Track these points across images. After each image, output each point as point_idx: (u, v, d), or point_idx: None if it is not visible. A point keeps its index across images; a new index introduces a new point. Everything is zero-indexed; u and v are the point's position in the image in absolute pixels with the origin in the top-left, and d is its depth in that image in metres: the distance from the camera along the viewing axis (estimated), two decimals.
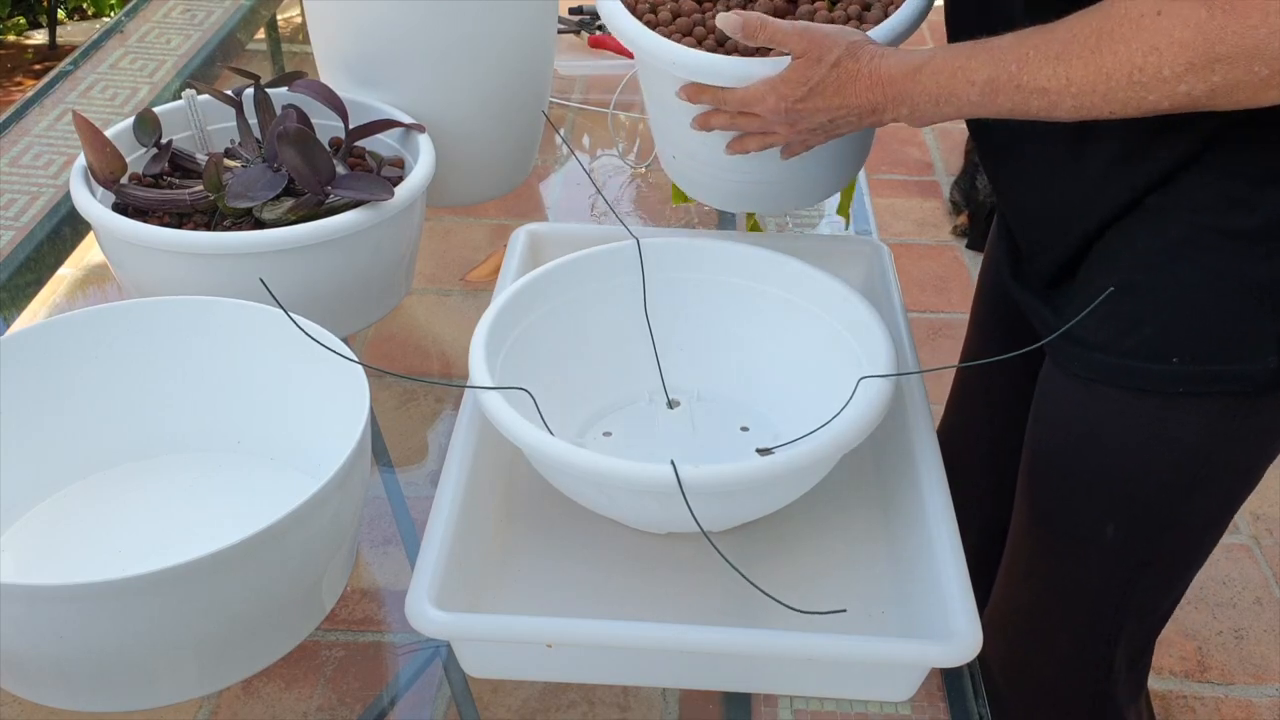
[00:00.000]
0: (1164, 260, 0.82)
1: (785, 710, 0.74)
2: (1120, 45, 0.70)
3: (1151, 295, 0.83)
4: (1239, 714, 1.66)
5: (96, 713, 0.71)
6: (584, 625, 0.72)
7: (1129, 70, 0.70)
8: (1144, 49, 0.69)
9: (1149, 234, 0.83)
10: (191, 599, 0.66)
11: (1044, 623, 1.01)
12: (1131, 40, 0.69)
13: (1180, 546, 0.94)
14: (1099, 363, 0.86)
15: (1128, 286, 0.84)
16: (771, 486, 0.76)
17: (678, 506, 0.71)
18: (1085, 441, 0.90)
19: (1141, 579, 0.95)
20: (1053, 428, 0.93)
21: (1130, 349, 0.84)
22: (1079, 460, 0.91)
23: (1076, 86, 0.72)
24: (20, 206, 1.17)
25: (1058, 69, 0.72)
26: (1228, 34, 0.66)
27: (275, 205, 0.94)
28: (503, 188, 1.25)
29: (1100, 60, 0.71)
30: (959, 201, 2.69)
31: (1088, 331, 0.86)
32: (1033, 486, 0.97)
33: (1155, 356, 0.83)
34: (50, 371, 0.83)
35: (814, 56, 0.82)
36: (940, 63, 0.77)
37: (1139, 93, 0.70)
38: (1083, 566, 0.95)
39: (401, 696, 0.79)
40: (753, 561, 0.82)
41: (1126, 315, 0.84)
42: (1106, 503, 0.91)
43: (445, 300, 1.16)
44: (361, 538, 0.86)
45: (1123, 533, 0.91)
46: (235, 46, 1.54)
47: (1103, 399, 0.87)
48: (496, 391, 0.78)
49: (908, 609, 0.78)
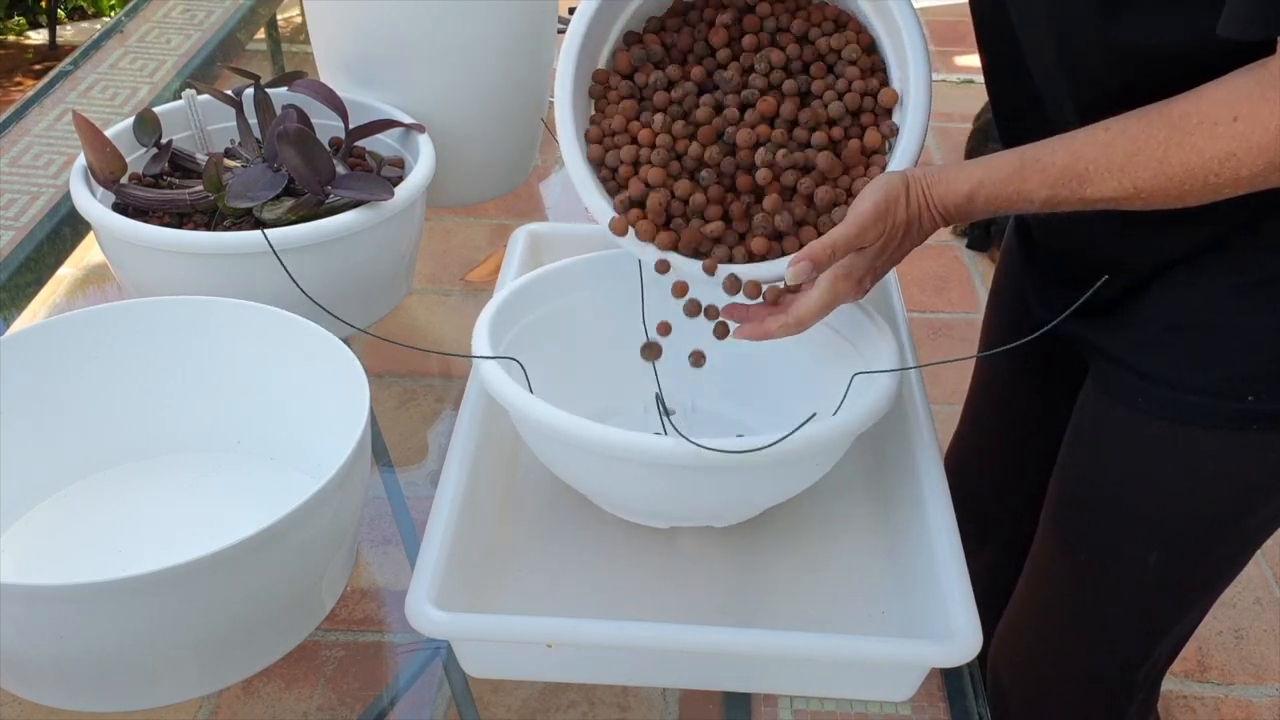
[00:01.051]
0: (1242, 299, 0.80)
1: (785, 710, 0.74)
2: (1193, 155, 0.68)
3: (1229, 334, 0.81)
4: (1239, 714, 1.66)
5: (96, 713, 0.71)
6: (584, 625, 0.72)
7: (1204, 175, 0.68)
8: (1220, 155, 0.67)
9: (1226, 274, 0.80)
10: (191, 599, 0.66)
11: (1069, 646, 0.99)
12: (1205, 149, 0.67)
13: (1222, 566, 0.93)
14: (1166, 398, 0.84)
15: (1199, 324, 0.82)
16: (778, 468, 0.75)
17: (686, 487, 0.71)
18: (1139, 472, 0.88)
19: (1176, 603, 0.94)
20: (1098, 455, 0.91)
21: (1202, 386, 0.82)
22: (1127, 490, 0.89)
23: (1146, 193, 0.70)
24: (20, 206, 1.17)
25: (1123, 180, 0.71)
26: None
27: (275, 205, 0.94)
28: (503, 188, 1.25)
29: (1171, 170, 0.69)
30: None
31: (1152, 366, 0.84)
32: (1068, 510, 0.95)
33: (1231, 395, 0.82)
34: (50, 371, 0.83)
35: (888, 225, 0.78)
36: (994, 187, 0.75)
37: (1213, 192, 0.69)
38: (1120, 592, 0.94)
39: (401, 696, 0.79)
40: (754, 559, 0.82)
41: (1198, 352, 0.82)
42: (1153, 533, 0.89)
43: (445, 300, 1.16)
44: (361, 538, 0.86)
45: (1165, 562, 0.90)
46: (235, 46, 1.54)
47: (1162, 432, 0.85)
48: (500, 368, 0.77)
49: (908, 609, 0.78)
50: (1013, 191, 0.75)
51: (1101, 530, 0.92)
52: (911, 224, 0.78)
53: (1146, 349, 0.85)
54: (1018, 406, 1.14)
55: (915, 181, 0.78)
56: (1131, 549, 0.91)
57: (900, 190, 0.78)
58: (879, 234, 0.78)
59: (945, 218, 0.78)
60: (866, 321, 0.86)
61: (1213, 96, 0.68)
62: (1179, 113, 0.69)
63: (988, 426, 1.19)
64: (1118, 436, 0.89)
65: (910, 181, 0.78)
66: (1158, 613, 0.95)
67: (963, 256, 2.58)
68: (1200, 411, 0.83)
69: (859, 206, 0.78)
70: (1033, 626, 1.03)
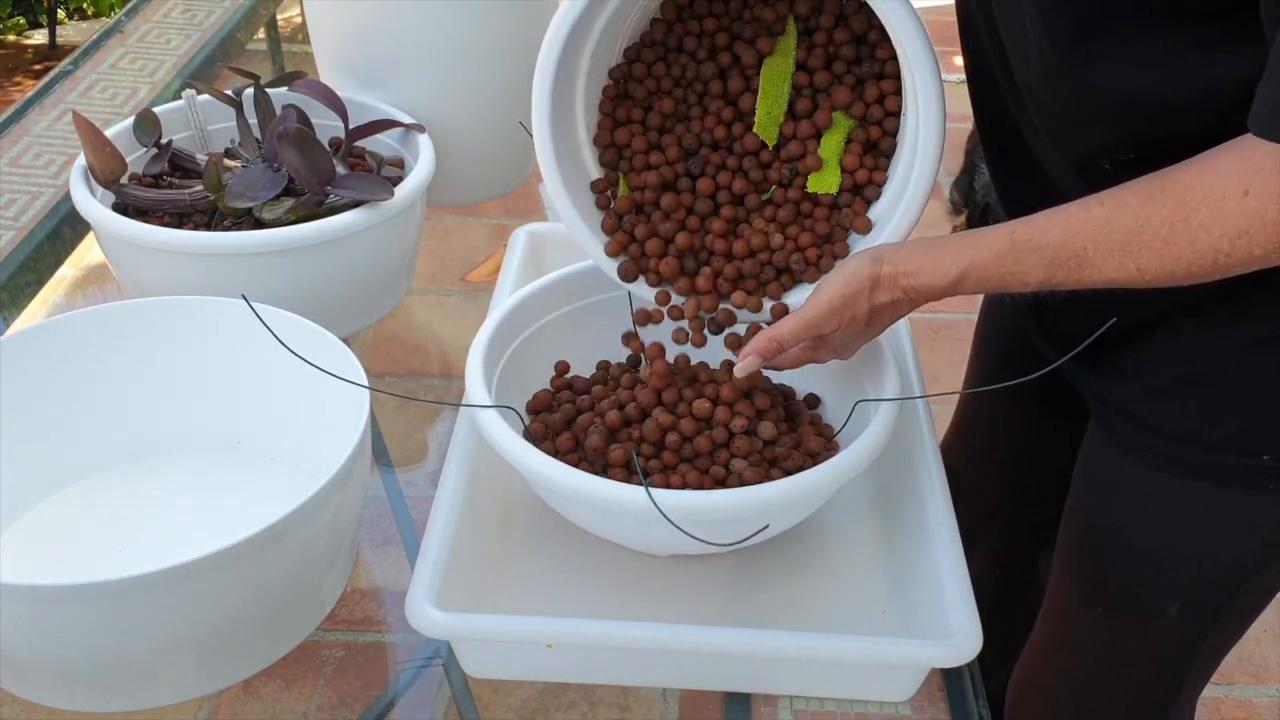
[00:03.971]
0: (1254, 354, 0.77)
1: (785, 710, 0.74)
2: (1201, 233, 0.62)
3: (1239, 389, 0.79)
4: (1239, 714, 1.66)
5: (96, 713, 0.71)
6: (584, 625, 0.72)
7: (1214, 255, 0.63)
8: (1231, 234, 0.62)
9: (1236, 325, 0.77)
10: (191, 599, 0.66)
11: (1094, 692, 0.97)
12: (1214, 227, 0.62)
13: (1240, 616, 0.92)
14: (1178, 454, 0.82)
15: (1209, 378, 0.79)
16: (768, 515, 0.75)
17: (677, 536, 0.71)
18: (1154, 525, 0.86)
19: (1199, 649, 0.92)
20: (1113, 508, 0.89)
21: (1214, 443, 0.80)
22: (1144, 540, 0.87)
23: (1151, 275, 0.65)
24: (20, 206, 1.17)
25: (1125, 261, 0.65)
26: None
27: (275, 205, 0.94)
28: (503, 188, 1.25)
29: (1177, 250, 0.63)
30: (959, 201, 2.69)
31: (1163, 419, 0.82)
32: (1083, 558, 0.93)
33: (1243, 453, 0.79)
34: (50, 371, 0.83)
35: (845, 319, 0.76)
36: (983, 271, 0.71)
37: (1223, 271, 0.64)
38: (1139, 640, 0.92)
39: (401, 696, 0.79)
40: (753, 561, 0.82)
41: (1210, 407, 0.80)
42: (1173, 584, 0.87)
43: (445, 300, 1.16)
44: (361, 538, 0.86)
45: (1186, 612, 0.88)
46: (235, 46, 1.54)
47: (1179, 487, 0.83)
48: (496, 415, 0.77)
49: (908, 609, 0.78)
50: (1005, 273, 0.69)
51: (1120, 581, 0.90)
52: (879, 312, 0.75)
53: (1154, 401, 0.82)
54: (1009, 431, 1.12)
55: (887, 275, 0.73)
56: (1151, 600, 0.88)
57: (865, 284, 0.74)
58: (836, 326, 0.75)
59: (923, 301, 0.75)
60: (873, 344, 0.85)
61: (1218, 168, 0.62)
62: (1182, 187, 0.63)
63: (980, 436, 1.17)
64: (1130, 488, 0.86)
65: (881, 276, 0.74)
66: (1181, 659, 0.93)
67: None
68: (1214, 469, 0.81)
69: (817, 296, 0.75)
70: (1054, 672, 1.00)
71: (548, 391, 0.88)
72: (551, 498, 0.78)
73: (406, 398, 1.02)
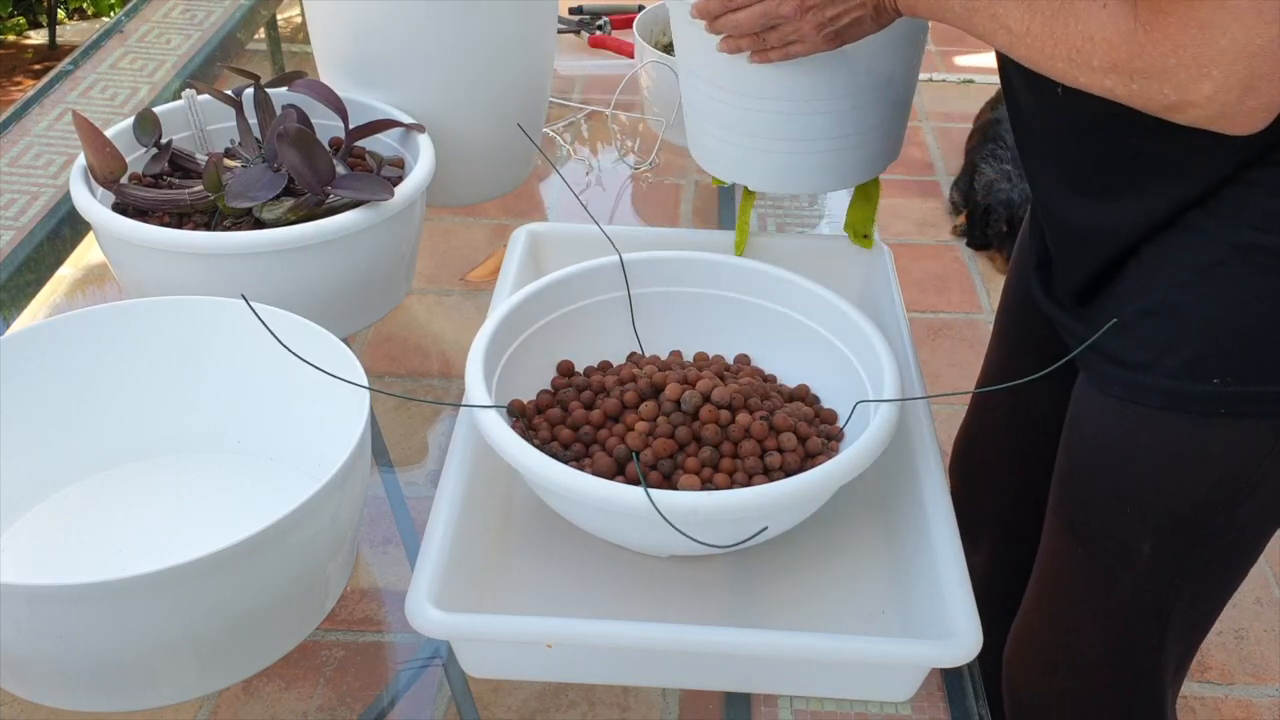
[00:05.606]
0: (1205, 280, 0.80)
1: (785, 710, 0.74)
2: (1071, 21, 0.72)
3: (1192, 315, 0.81)
4: (1239, 714, 1.66)
5: (96, 713, 0.71)
6: (584, 625, 0.72)
7: (1070, 49, 0.72)
8: (1084, 34, 0.71)
9: (1189, 253, 0.81)
10: (191, 599, 0.66)
11: (1079, 634, 0.99)
12: (1080, 21, 0.71)
13: (1223, 559, 0.93)
14: (1138, 383, 0.85)
15: (1167, 306, 0.82)
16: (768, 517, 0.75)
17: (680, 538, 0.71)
18: (1122, 459, 0.89)
19: (1181, 591, 0.93)
20: (1088, 445, 0.92)
21: (1171, 370, 0.83)
22: (1116, 478, 0.90)
23: (1032, 38, 0.74)
24: (20, 206, 1.17)
25: (1023, 17, 0.74)
26: (1145, 53, 0.68)
27: (275, 205, 0.94)
28: (503, 188, 1.25)
29: (1053, 27, 0.73)
30: (959, 201, 2.69)
31: (1126, 351, 0.85)
32: (1066, 503, 0.96)
33: (1196, 377, 0.82)
34: (50, 371, 0.83)
35: None
36: None
37: (1073, 70, 0.73)
38: (1117, 582, 0.94)
39: (401, 696, 0.79)
40: (753, 562, 0.82)
41: (1167, 335, 0.83)
42: (1143, 520, 0.89)
43: (445, 300, 1.16)
44: (361, 538, 0.86)
45: (1159, 550, 0.90)
46: (235, 46, 1.54)
47: (1141, 418, 0.86)
48: (495, 415, 0.77)
49: (908, 609, 0.78)
50: None
51: (1097, 521, 0.93)
52: None
53: (1121, 334, 0.85)
54: (1021, 400, 1.13)
55: None
56: (1125, 538, 0.91)
57: None
58: None
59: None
60: (872, 344, 0.86)
61: None
62: None
63: (995, 418, 1.20)
64: (1104, 426, 0.89)
65: None
66: (1157, 602, 0.94)
67: (963, 256, 2.58)
68: (1172, 396, 0.83)
69: None
70: (1045, 622, 1.03)
71: (549, 391, 0.88)
72: (551, 498, 0.78)
73: (406, 398, 1.02)
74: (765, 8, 0.85)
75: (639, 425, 0.81)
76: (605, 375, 0.88)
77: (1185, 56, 0.67)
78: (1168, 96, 0.69)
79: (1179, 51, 0.67)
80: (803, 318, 0.91)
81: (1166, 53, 0.67)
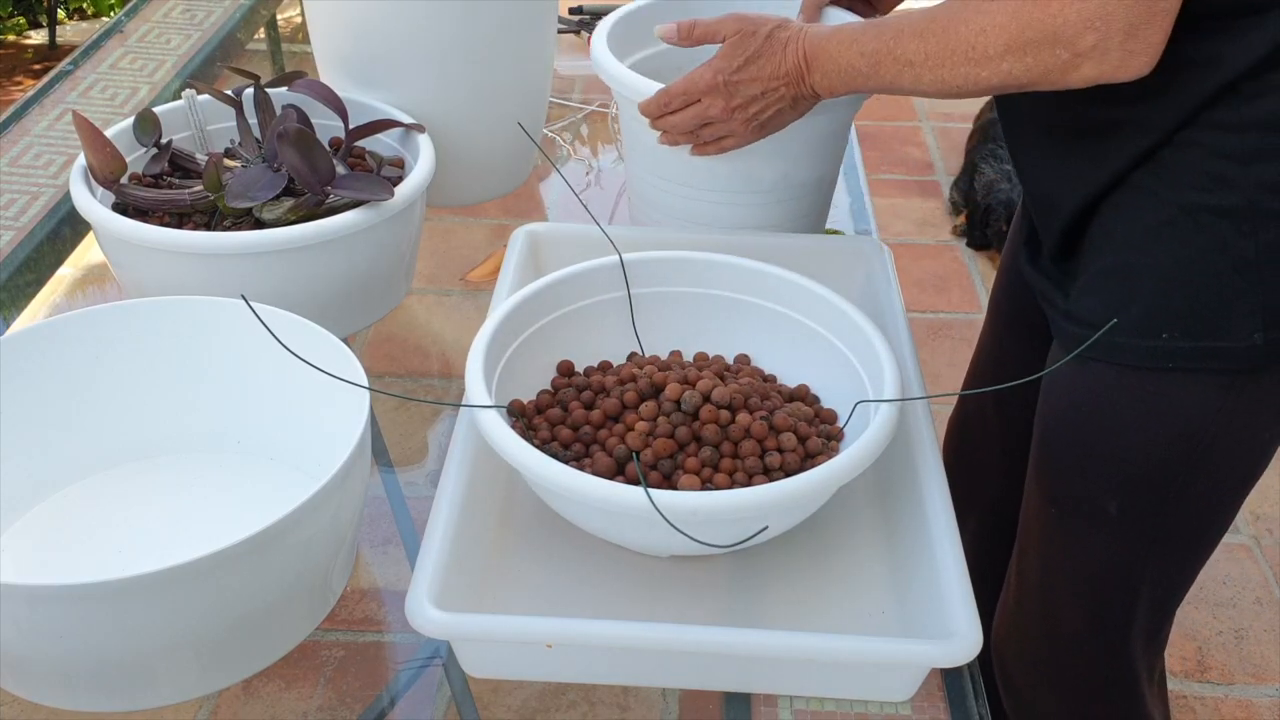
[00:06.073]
0: (1153, 238, 0.84)
1: (785, 710, 0.74)
2: (962, 25, 0.81)
3: (1142, 272, 0.85)
4: (1239, 714, 1.66)
5: (96, 713, 0.71)
6: (584, 625, 0.72)
7: (966, 48, 0.80)
8: (977, 30, 0.80)
9: (1138, 213, 0.85)
10: (191, 599, 0.66)
11: (1054, 601, 1.02)
12: (971, 22, 0.80)
13: (1189, 525, 0.95)
14: (1096, 342, 0.87)
15: (1121, 266, 0.86)
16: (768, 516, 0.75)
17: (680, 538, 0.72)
18: (1085, 419, 0.92)
19: (1150, 557, 0.96)
20: (1056, 406, 0.95)
21: (1124, 327, 0.86)
22: (1080, 437, 0.93)
23: (932, 60, 0.82)
24: (20, 206, 1.17)
25: (919, 45, 0.83)
26: (1034, 20, 0.77)
27: (275, 205, 0.94)
28: (503, 188, 1.25)
29: (948, 38, 0.81)
30: (959, 201, 2.69)
31: (1086, 310, 0.89)
32: (1039, 465, 0.99)
33: (1146, 333, 0.85)
34: (50, 371, 0.83)
35: (748, 31, 0.92)
36: (845, 33, 0.88)
37: (975, 69, 0.81)
38: (1087, 544, 0.96)
39: (401, 696, 0.79)
40: (753, 562, 0.82)
41: (1119, 293, 0.86)
42: (1107, 480, 0.92)
43: (445, 300, 1.16)
44: (361, 538, 0.86)
45: (1126, 510, 0.93)
46: (235, 46, 1.54)
47: (1099, 376, 0.90)
48: (495, 415, 0.77)
49: (908, 609, 0.78)
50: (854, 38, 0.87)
51: (1067, 482, 0.95)
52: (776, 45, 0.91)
53: (1083, 294, 0.89)
54: (1007, 373, 1.15)
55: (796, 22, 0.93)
56: (1092, 499, 0.94)
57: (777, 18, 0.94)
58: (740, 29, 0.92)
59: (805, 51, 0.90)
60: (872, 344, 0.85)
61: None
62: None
63: (981, 397, 1.22)
64: (1070, 386, 0.93)
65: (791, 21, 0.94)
66: (1126, 566, 0.96)
67: (963, 256, 2.58)
68: (1125, 352, 0.87)
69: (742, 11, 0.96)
70: (1024, 591, 1.05)
71: (549, 391, 0.88)
72: (551, 498, 0.78)
73: (406, 398, 1.02)
74: (698, 110, 0.95)
75: (639, 425, 0.81)
76: (605, 375, 0.88)
77: (1070, 14, 0.75)
78: (1061, 56, 0.77)
79: (1066, 6, 0.75)
80: (803, 318, 0.91)
81: (1054, 11, 0.76)
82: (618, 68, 1.03)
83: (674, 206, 1.08)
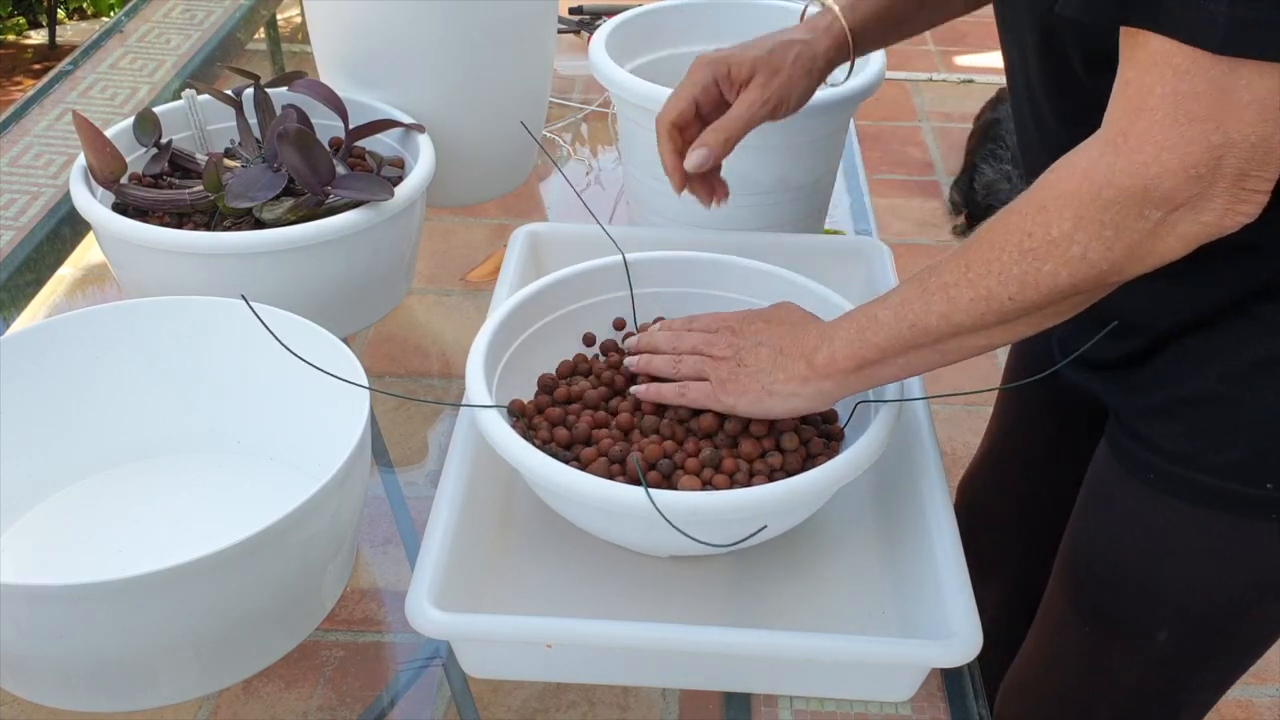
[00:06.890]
0: (1263, 375, 0.76)
1: (785, 710, 0.74)
2: (1012, 215, 0.66)
3: (1248, 413, 0.77)
4: (1239, 714, 1.66)
5: (96, 713, 0.71)
6: (584, 625, 0.72)
7: (1019, 239, 0.65)
8: (1032, 209, 0.64)
9: (1250, 346, 0.76)
10: (191, 599, 0.66)
11: (1086, 710, 0.96)
12: (1021, 208, 0.65)
13: (1237, 652, 0.90)
14: (1178, 476, 0.81)
15: (1216, 398, 0.78)
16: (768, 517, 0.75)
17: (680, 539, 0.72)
18: (1148, 547, 0.85)
19: (1193, 680, 0.91)
20: (1110, 526, 0.88)
21: (1218, 468, 0.79)
22: (1137, 565, 0.86)
23: (974, 270, 0.67)
24: (20, 206, 1.17)
25: (957, 262, 0.69)
26: (1116, 174, 0.61)
27: (275, 205, 0.94)
28: (503, 188, 1.25)
29: (994, 236, 0.67)
30: (959, 201, 2.69)
31: (1167, 440, 0.81)
32: (1077, 578, 0.92)
33: (1247, 480, 0.78)
34: (50, 371, 0.83)
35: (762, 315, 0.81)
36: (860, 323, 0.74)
37: (1034, 264, 0.64)
38: (1128, 668, 0.91)
39: (401, 696, 0.79)
40: (753, 562, 0.82)
41: (1214, 431, 0.79)
42: (1163, 610, 0.86)
43: (445, 300, 1.16)
44: (361, 538, 0.86)
45: (1176, 639, 0.87)
46: (235, 46, 1.54)
47: (1176, 511, 0.82)
48: (496, 415, 0.77)
49: (908, 609, 0.78)
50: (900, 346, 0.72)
51: (1110, 601, 0.90)
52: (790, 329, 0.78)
53: (1160, 420, 0.81)
54: (1036, 449, 1.11)
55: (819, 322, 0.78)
56: (1140, 624, 0.88)
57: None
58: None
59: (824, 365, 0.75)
60: None
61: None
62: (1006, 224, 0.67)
63: (1005, 466, 1.17)
64: (1129, 508, 0.85)
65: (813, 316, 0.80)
66: (1172, 688, 0.91)
67: None
68: (1214, 495, 0.79)
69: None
70: (1050, 687, 0.99)
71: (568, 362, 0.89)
72: (551, 498, 0.78)
73: (406, 398, 1.02)
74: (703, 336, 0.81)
75: (639, 424, 0.81)
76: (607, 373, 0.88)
77: (1169, 161, 0.59)
78: (1151, 217, 0.61)
79: (1161, 154, 0.60)
80: None
81: (1145, 160, 0.60)
82: (617, 72, 1.03)
83: (671, 209, 1.08)
